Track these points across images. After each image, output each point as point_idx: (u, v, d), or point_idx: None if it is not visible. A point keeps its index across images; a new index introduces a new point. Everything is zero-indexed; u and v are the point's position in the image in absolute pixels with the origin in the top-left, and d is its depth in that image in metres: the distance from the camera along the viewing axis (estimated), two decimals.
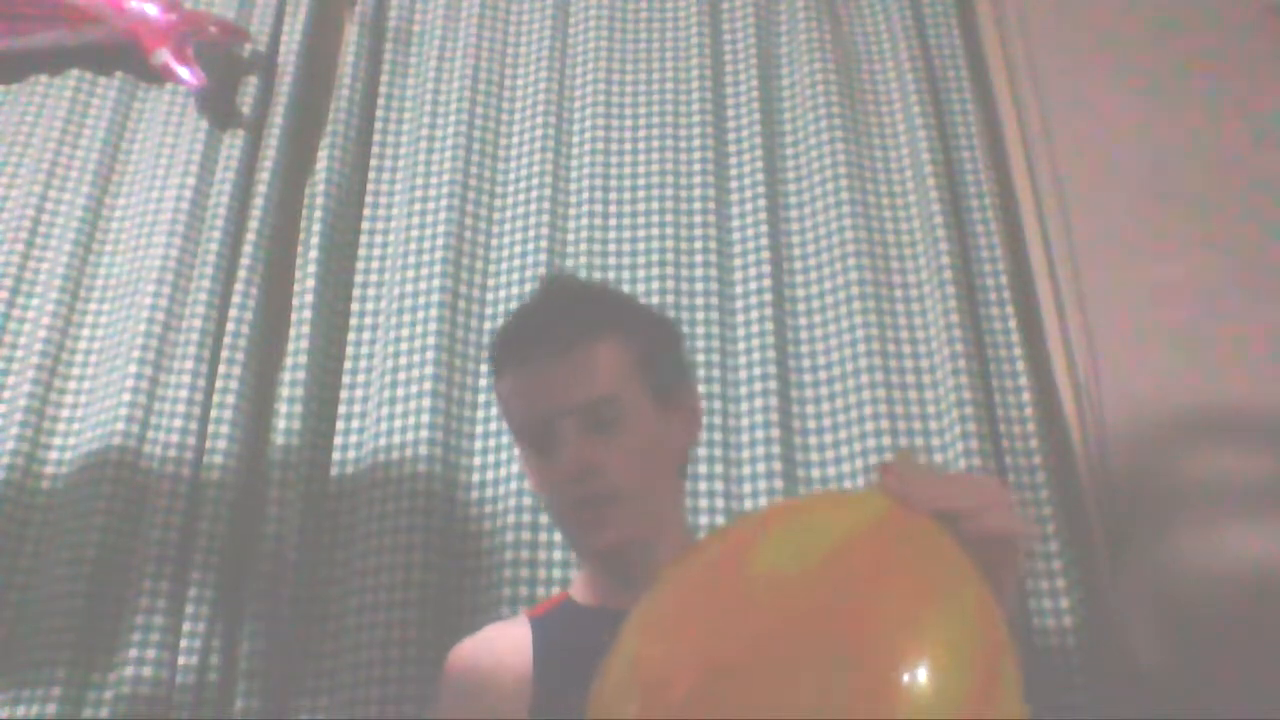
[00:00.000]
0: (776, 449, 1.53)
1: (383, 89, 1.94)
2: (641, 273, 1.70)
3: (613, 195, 1.78)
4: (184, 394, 1.63)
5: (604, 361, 1.03)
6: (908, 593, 0.61)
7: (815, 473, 1.57)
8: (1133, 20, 1.88)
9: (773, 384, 1.58)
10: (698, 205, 1.75)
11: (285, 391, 1.63)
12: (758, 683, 0.57)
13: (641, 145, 1.83)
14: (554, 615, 1.09)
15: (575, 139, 1.85)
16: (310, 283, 1.71)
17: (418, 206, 1.78)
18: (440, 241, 1.73)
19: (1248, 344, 1.59)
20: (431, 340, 1.64)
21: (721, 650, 0.59)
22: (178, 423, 1.61)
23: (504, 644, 1.06)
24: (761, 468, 1.52)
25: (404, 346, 1.65)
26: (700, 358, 1.61)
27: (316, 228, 1.76)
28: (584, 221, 1.75)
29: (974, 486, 0.74)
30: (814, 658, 0.57)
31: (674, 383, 1.10)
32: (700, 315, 1.65)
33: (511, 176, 1.84)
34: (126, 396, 1.62)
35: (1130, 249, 1.69)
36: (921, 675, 0.57)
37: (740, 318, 1.65)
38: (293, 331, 1.68)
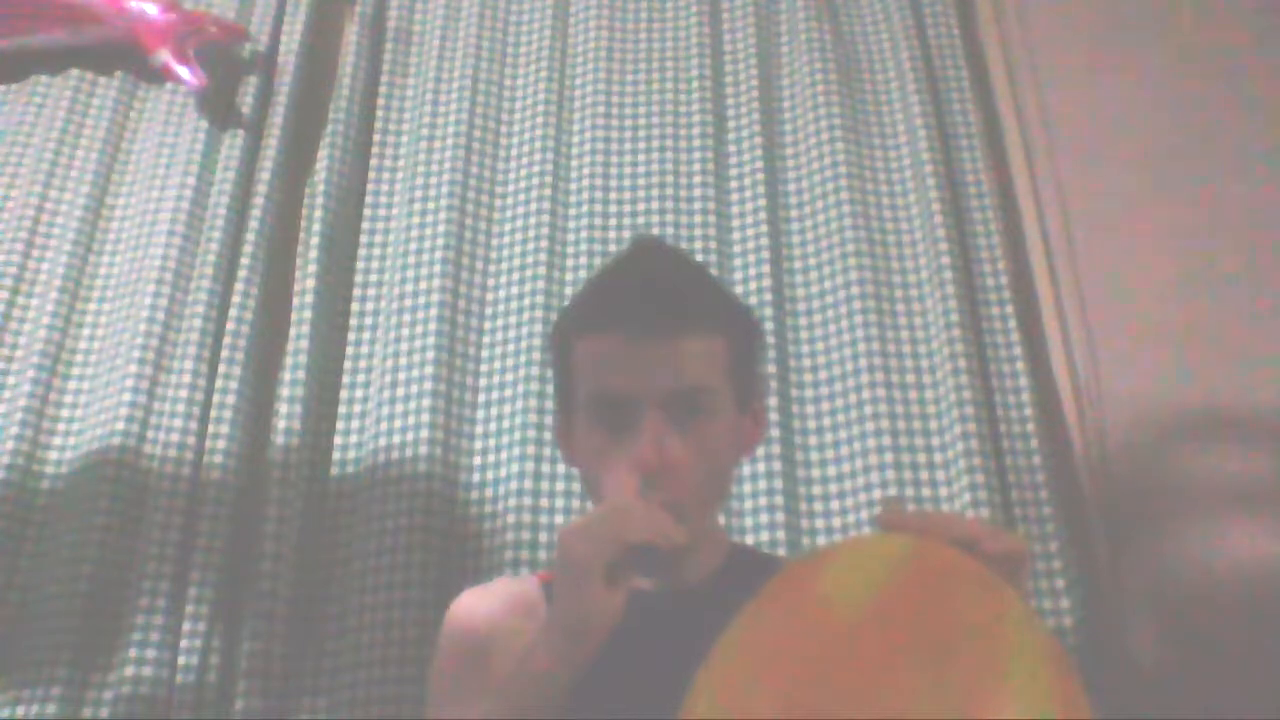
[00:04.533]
0: (776, 449, 1.53)
1: (383, 89, 1.94)
2: None
3: (613, 195, 1.78)
4: (184, 394, 1.63)
5: (708, 353, 0.97)
6: (979, 601, 0.64)
7: (815, 472, 1.57)
8: (1132, 18, 1.88)
9: (773, 384, 1.58)
10: (698, 205, 1.76)
11: (285, 391, 1.63)
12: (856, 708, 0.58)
13: (641, 145, 1.83)
14: None
15: (575, 139, 1.85)
16: (310, 283, 1.71)
17: (418, 206, 1.78)
18: (440, 241, 1.73)
19: (1248, 344, 1.59)
20: (431, 340, 1.64)
21: (817, 681, 0.60)
22: (178, 423, 1.61)
23: (517, 603, 1.03)
24: (761, 467, 1.52)
25: (404, 346, 1.65)
26: None
27: (316, 228, 1.76)
28: (584, 221, 1.75)
29: (967, 517, 0.77)
30: (913, 667, 0.59)
31: (753, 387, 1.06)
32: None
33: (511, 176, 1.84)
34: (126, 396, 1.62)
35: (1130, 248, 1.69)
36: (1018, 671, 0.60)
37: None
38: (293, 331, 1.68)
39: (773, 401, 1.57)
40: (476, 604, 1.05)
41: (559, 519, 1.52)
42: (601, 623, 0.82)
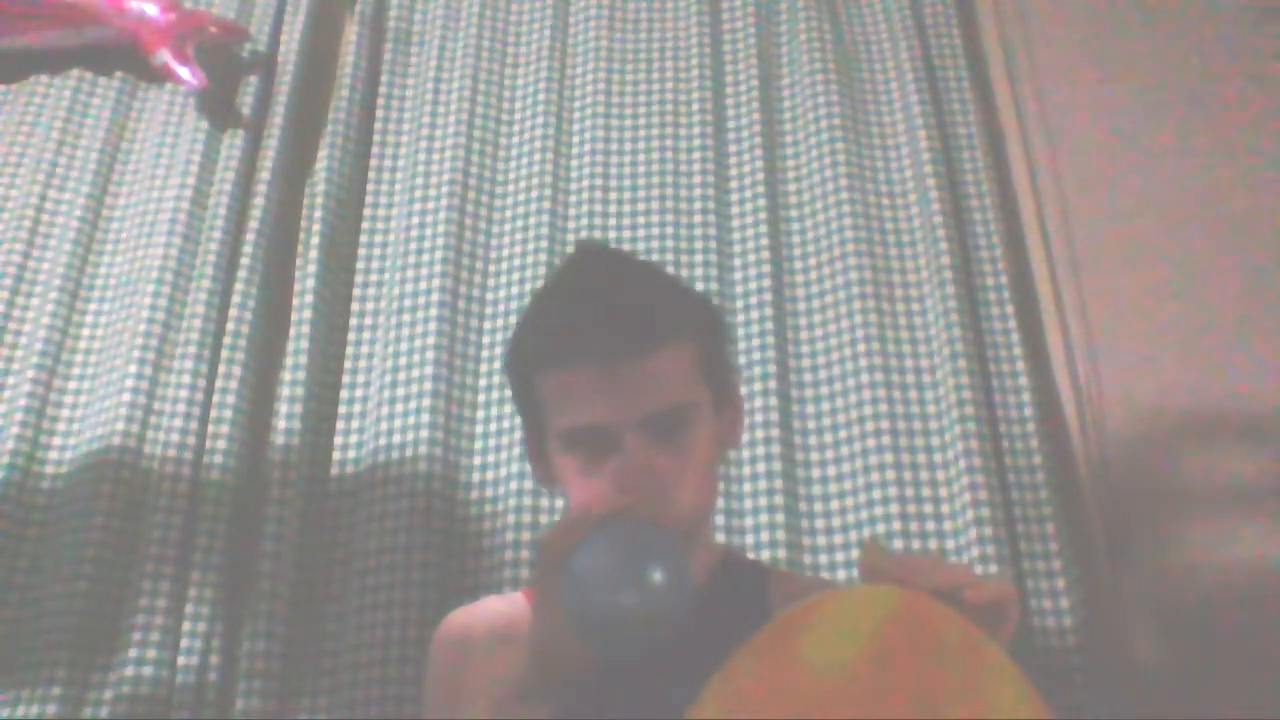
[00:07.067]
0: (776, 449, 1.53)
1: (383, 89, 1.94)
2: None
3: (613, 195, 1.78)
4: (184, 394, 1.63)
5: (678, 365, 0.94)
6: (961, 661, 0.64)
7: (815, 473, 1.57)
8: (1133, 20, 1.88)
9: (773, 384, 1.58)
10: (698, 205, 1.76)
11: (285, 391, 1.63)
12: None
13: (641, 145, 1.83)
14: None
15: (575, 139, 1.85)
16: (310, 283, 1.71)
17: (418, 206, 1.78)
18: (440, 241, 1.73)
19: (1248, 344, 1.59)
20: (431, 340, 1.64)
21: None
22: (178, 423, 1.61)
23: (498, 623, 1.03)
24: (761, 468, 1.52)
25: (404, 346, 1.65)
26: None
27: (316, 228, 1.76)
28: (584, 221, 1.75)
29: (951, 563, 0.75)
30: None
31: (727, 380, 1.03)
32: None
33: (511, 176, 1.84)
34: (126, 396, 1.62)
35: (1130, 249, 1.69)
36: None
37: (740, 318, 1.66)
38: (293, 331, 1.68)
39: (773, 402, 1.57)
40: (459, 624, 1.05)
41: (559, 519, 1.52)
42: (561, 653, 0.83)
